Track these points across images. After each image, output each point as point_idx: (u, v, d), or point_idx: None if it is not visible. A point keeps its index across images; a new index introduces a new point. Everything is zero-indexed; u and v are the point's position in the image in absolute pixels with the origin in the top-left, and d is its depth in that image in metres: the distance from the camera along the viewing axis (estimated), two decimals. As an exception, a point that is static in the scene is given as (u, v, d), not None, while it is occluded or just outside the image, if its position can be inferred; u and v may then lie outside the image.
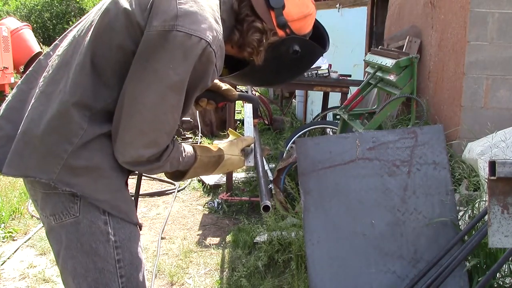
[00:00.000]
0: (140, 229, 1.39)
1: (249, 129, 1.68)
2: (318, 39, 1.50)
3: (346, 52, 6.13)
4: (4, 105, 1.35)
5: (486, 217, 1.52)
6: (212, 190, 4.57)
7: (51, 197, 1.26)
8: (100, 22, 1.23)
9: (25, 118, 1.25)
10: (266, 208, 1.34)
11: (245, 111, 1.83)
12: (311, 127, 4.52)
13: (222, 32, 1.26)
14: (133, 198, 1.43)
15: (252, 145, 1.55)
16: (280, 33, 1.35)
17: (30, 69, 1.38)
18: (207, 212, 4.07)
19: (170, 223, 3.84)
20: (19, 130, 1.25)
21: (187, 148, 1.37)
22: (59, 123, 1.21)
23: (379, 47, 4.51)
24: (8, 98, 1.36)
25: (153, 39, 1.17)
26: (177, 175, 1.43)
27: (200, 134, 6.45)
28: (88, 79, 1.22)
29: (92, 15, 1.31)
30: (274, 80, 1.64)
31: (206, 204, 4.22)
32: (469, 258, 2.02)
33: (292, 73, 1.54)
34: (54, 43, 1.41)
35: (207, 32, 1.19)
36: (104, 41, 1.22)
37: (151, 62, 1.18)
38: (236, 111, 6.40)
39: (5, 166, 1.24)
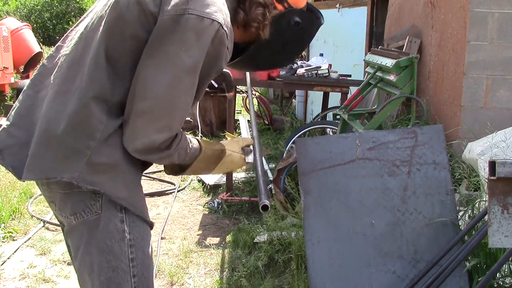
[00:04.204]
0: (151, 229, 1.40)
1: (245, 133, 1.69)
2: (312, 13, 1.56)
3: (346, 52, 6.12)
4: (12, 112, 1.35)
5: (486, 217, 1.52)
6: (212, 190, 4.57)
7: (70, 196, 1.26)
8: (111, 15, 1.25)
9: (41, 120, 1.25)
10: (265, 207, 1.34)
11: (240, 125, 1.85)
12: (311, 127, 4.52)
13: (229, 15, 1.29)
14: None
15: (251, 146, 1.57)
16: (279, 7, 1.41)
17: (34, 73, 1.39)
18: (207, 212, 4.07)
19: (170, 223, 3.84)
20: (35, 134, 1.25)
21: (193, 139, 1.38)
22: (79, 119, 1.22)
23: (379, 47, 4.50)
24: (16, 105, 1.37)
25: (166, 24, 1.19)
26: (176, 170, 1.42)
27: (200, 134, 6.45)
28: (104, 73, 1.23)
29: (99, 11, 1.32)
30: (278, 59, 1.63)
31: (206, 204, 4.22)
32: (469, 258, 2.02)
33: (294, 48, 1.57)
34: (57, 44, 1.41)
35: (218, 14, 1.22)
36: (117, 33, 1.23)
37: (164, 46, 1.19)
38: (236, 111, 6.40)
39: (25, 171, 1.24)
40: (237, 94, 6.93)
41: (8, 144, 1.29)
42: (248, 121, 2.20)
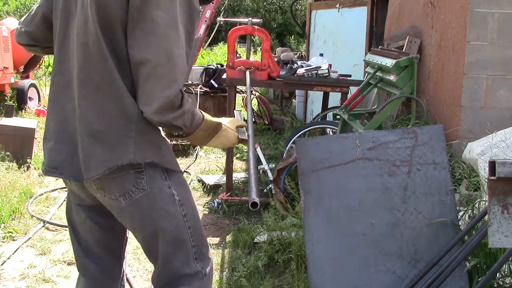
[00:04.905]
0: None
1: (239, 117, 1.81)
2: None
3: (346, 52, 6.12)
4: (49, 131, 1.51)
5: (486, 217, 1.52)
6: (212, 190, 4.57)
7: (116, 180, 1.42)
8: (94, 10, 1.36)
9: (79, 128, 1.41)
10: (254, 204, 1.36)
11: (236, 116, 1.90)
12: (311, 127, 4.52)
13: None
14: None
15: (245, 128, 1.71)
16: None
17: (51, 94, 1.53)
18: (207, 212, 4.07)
19: (170, 223, 3.83)
20: (78, 141, 1.41)
21: (196, 108, 1.50)
22: (116, 109, 1.38)
23: (379, 47, 4.50)
24: (48, 125, 1.52)
25: None
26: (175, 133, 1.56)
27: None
28: (113, 62, 1.37)
29: (79, 13, 1.41)
30: None
31: (206, 204, 4.22)
32: (469, 258, 2.02)
33: None
34: (56, 59, 1.52)
35: None
36: (107, 25, 1.36)
37: (142, 15, 1.33)
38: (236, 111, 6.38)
39: (85, 172, 1.40)
40: (237, 94, 6.92)
41: (60, 159, 1.47)
42: (245, 119, 2.25)
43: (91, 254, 1.66)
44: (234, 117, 1.90)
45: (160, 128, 1.49)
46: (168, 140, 1.55)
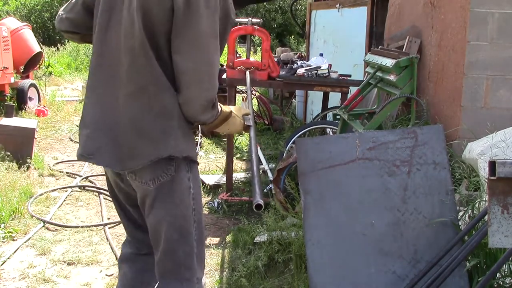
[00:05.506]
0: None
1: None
2: None
3: (346, 52, 6.11)
4: (86, 119, 1.61)
5: (486, 217, 1.52)
6: (212, 190, 4.57)
7: (150, 166, 1.52)
8: (141, 18, 1.46)
9: (123, 121, 1.52)
10: (259, 206, 1.39)
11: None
12: (311, 127, 4.52)
13: None
14: None
15: (249, 116, 1.82)
16: None
17: (90, 83, 1.62)
18: (207, 212, 4.07)
19: (170, 223, 3.83)
20: (119, 133, 1.52)
21: None
22: (159, 107, 1.49)
23: (379, 47, 4.50)
24: (86, 113, 1.61)
25: (180, 7, 1.43)
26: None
27: (200, 134, 6.45)
28: (157, 63, 1.49)
29: (126, 17, 1.51)
30: None
31: (206, 204, 4.22)
32: (469, 258, 2.02)
33: None
34: (96, 52, 1.60)
35: None
36: (153, 29, 1.47)
37: (186, 23, 1.44)
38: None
39: (128, 161, 1.52)
40: (237, 94, 6.92)
41: (97, 147, 1.57)
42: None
43: (140, 226, 1.77)
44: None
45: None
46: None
